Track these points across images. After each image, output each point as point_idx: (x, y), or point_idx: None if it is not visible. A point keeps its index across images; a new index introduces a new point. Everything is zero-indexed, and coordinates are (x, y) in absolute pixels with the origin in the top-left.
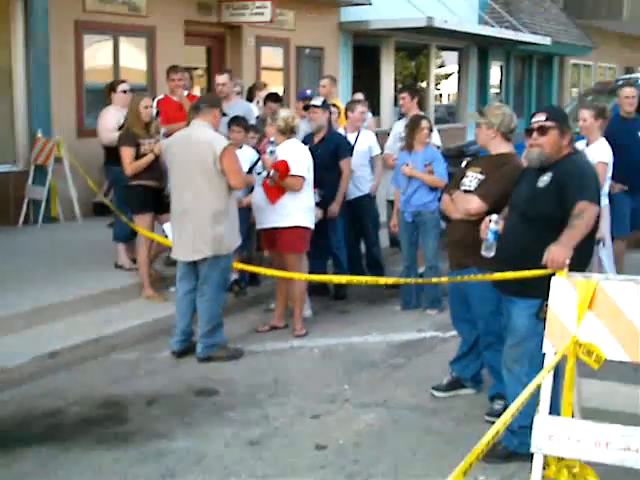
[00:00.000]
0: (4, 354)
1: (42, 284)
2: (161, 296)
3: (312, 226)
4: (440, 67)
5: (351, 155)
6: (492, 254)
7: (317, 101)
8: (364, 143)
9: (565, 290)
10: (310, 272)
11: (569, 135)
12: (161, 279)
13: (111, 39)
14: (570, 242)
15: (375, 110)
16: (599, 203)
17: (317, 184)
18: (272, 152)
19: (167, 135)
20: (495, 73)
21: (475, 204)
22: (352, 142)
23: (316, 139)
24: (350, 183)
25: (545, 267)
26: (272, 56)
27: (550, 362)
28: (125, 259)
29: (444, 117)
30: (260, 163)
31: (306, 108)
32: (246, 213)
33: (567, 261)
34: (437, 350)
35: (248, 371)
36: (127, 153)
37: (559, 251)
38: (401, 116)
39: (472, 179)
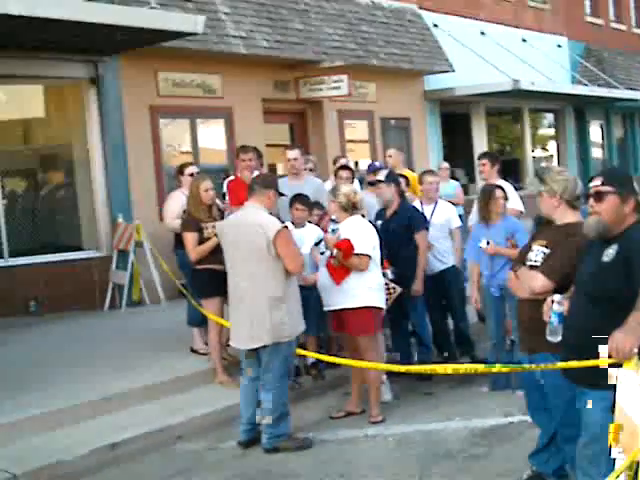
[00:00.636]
0: (65, 446)
1: (113, 371)
2: (235, 381)
3: (383, 305)
4: (535, 129)
5: (426, 228)
6: (559, 338)
7: (380, 176)
8: (442, 215)
9: (634, 385)
10: (394, 351)
11: (633, 201)
12: (237, 364)
13: (188, 122)
14: (638, 327)
15: (471, 178)
16: None
17: (391, 260)
18: (334, 230)
19: None
20: (595, 132)
21: (539, 282)
22: (429, 214)
23: (388, 213)
24: (431, 256)
25: None
26: (356, 129)
27: (619, 469)
28: (200, 343)
29: None
30: (323, 242)
31: (372, 184)
32: (318, 292)
33: (635, 350)
34: (524, 437)
35: (315, 463)
36: (190, 238)
37: (624, 338)
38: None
39: (537, 253)
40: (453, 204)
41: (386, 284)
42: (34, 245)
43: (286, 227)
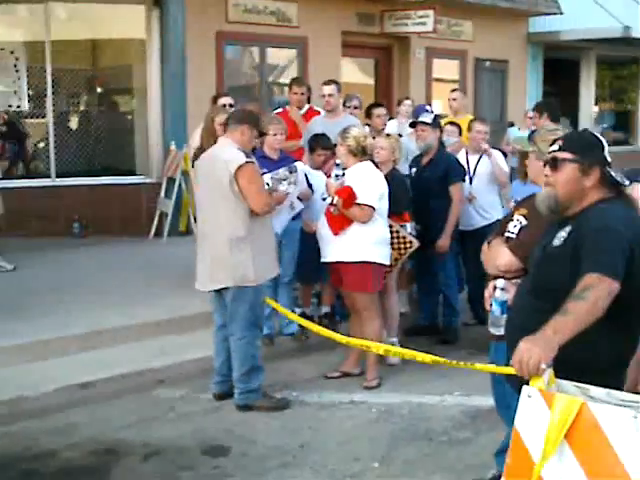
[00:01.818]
0: (34, 382)
1: (119, 304)
2: None
3: (386, 262)
4: None
5: (463, 180)
6: (501, 331)
7: (426, 117)
8: (488, 166)
9: (536, 407)
10: (419, 311)
11: (596, 173)
12: None
13: (257, 51)
14: (555, 337)
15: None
16: (620, 277)
17: (419, 212)
18: (337, 176)
19: None
20: None
21: (504, 258)
22: (474, 165)
23: (424, 160)
24: (473, 210)
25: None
26: (446, 68)
27: None
28: None
29: None
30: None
31: (413, 125)
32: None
33: (544, 366)
34: None
35: (281, 428)
36: None
37: (529, 350)
38: None
39: (516, 224)
40: None
41: (403, 237)
42: (83, 166)
43: (250, 162)
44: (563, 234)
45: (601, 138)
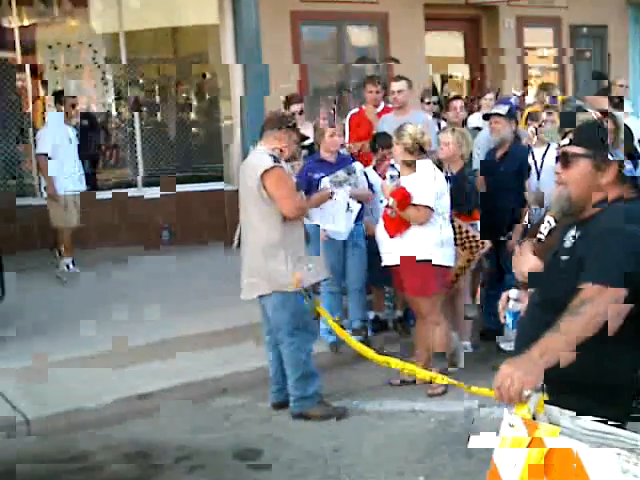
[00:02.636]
0: (93, 393)
1: (186, 313)
2: None
3: (448, 263)
4: None
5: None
6: (512, 347)
7: (501, 109)
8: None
9: (516, 436)
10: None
11: (613, 169)
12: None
13: (334, 29)
14: (542, 359)
15: None
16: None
17: (491, 210)
18: (392, 177)
19: (355, 155)
20: None
21: (528, 263)
22: (540, 156)
23: (498, 154)
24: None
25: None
26: (539, 37)
27: None
28: None
29: None
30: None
31: (486, 117)
32: None
33: (526, 392)
34: None
35: (331, 439)
36: None
37: (511, 375)
38: None
39: (546, 226)
40: None
41: (473, 236)
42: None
43: (277, 167)
44: (572, 239)
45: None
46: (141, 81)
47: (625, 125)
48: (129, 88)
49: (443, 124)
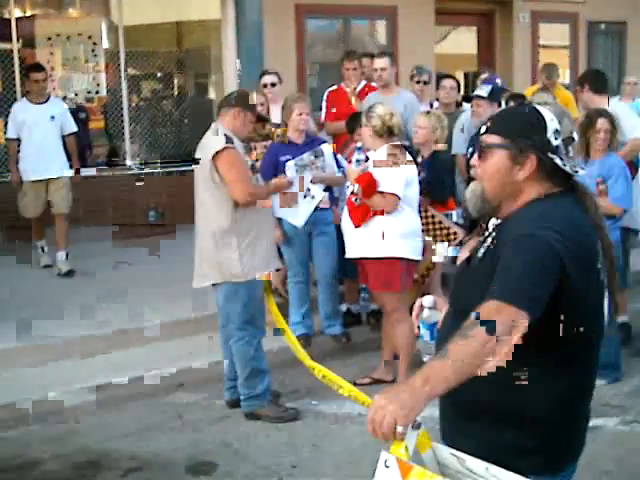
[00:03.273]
0: (47, 384)
1: (160, 301)
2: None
3: (416, 256)
4: None
5: None
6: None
7: (483, 90)
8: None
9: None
10: None
11: (532, 160)
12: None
13: (340, 23)
14: (423, 389)
15: None
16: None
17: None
18: (359, 161)
19: (332, 135)
20: None
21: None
22: None
23: None
24: None
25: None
26: (554, 33)
27: None
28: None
29: None
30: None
31: (467, 99)
32: None
33: (400, 429)
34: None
35: (281, 445)
36: None
37: (385, 408)
38: None
39: (495, 222)
40: None
41: (447, 228)
42: (157, 153)
43: (230, 147)
44: (486, 243)
45: (545, 115)
46: (137, 72)
47: (538, 113)
48: (125, 79)
49: (436, 104)
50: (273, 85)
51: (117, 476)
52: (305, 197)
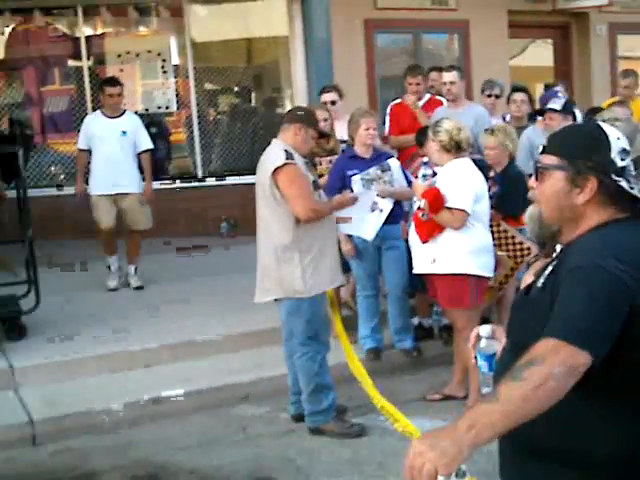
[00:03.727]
0: (106, 395)
1: (226, 311)
2: (351, 337)
3: (487, 273)
4: None
5: None
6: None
7: (555, 104)
8: None
9: None
10: None
11: (592, 184)
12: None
13: (411, 38)
14: (467, 435)
15: None
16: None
17: None
18: (425, 176)
19: (396, 149)
20: None
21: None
22: None
23: None
24: None
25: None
26: (634, 44)
27: None
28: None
29: None
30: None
31: (540, 113)
32: None
33: (441, 478)
34: None
35: (345, 462)
36: None
37: (425, 455)
38: None
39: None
40: None
41: (519, 243)
42: (229, 166)
43: (290, 164)
44: (547, 271)
45: (610, 133)
46: (207, 88)
47: (601, 130)
48: (195, 94)
49: (508, 118)
50: (333, 103)
51: None
52: (373, 211)
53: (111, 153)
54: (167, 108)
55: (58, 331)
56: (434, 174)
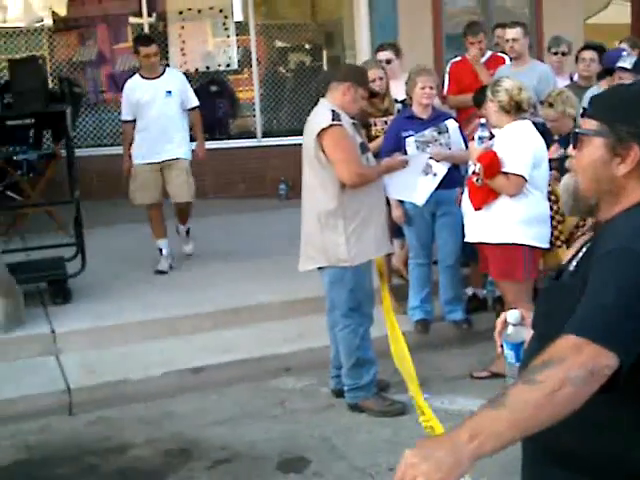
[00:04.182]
0: (145, 363)
1: (274, 277)
2: (402, 307)
3: (542, 244)
4: None
5: None
6: None
7: (626, 62)
8: None
9: None
10: None
11: (635, 153)
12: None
13: None
14: (469, 446)
15: None
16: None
17: None
18: (482, 139)
19: (455, 109)
20: None
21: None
22: None
23: None
24: None
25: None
26: None
27: None
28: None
29: None
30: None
31: (609, 72)
32: None
33: None
34: None
35: (383, 443)
36: None
37: (417, 467)
38: None
39: None
40: None
41: None
42: (290, 126)
43: (336, 125)
44: (580, 254)
45: None
46: (270, 45)
47: None
48: (255, 52)
49: (576, 77)
50: (388, 62)
51: (204, 468)
52: (427, 174)
53: (157, 117)
54: (228, 66)
55: (102, 296)
56: (491, 136)
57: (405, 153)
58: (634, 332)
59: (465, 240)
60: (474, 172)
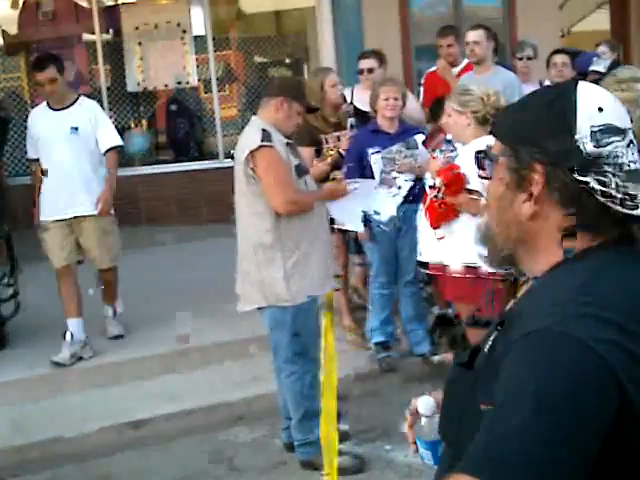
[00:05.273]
0: (82, 418)
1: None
2: (359, 328)
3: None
4: None
5: None
6: None
7: (600, 65)
8: None
9: None
10: None
11: (536, 185)
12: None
13: (451, 3)
14: None
15: None
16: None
17: None
18: (442, 151)
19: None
20: None
21: None
22: None
23: None
24: None
25: None
26: None
27: None
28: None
29: None
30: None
31: (583, 77)
32: None
33: None
34: None
35: None
36: (306, 154)
37: None
38: None
39: None
40: None
41: None
42: None
43: (266, 146)
44: (496, 332)
45: (585, 100)
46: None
47: (567, 96)
48: (215, 67)
49: (547, 84)
50: (370, 71)
51: None
52: (391, 187)
53: (60, 160)
54: (187, 83)
55: (38, 340)
56: (453, 149)
57: (370, 170)
58: (560, 472)
59: (417, 259)
60: (432, 186)
